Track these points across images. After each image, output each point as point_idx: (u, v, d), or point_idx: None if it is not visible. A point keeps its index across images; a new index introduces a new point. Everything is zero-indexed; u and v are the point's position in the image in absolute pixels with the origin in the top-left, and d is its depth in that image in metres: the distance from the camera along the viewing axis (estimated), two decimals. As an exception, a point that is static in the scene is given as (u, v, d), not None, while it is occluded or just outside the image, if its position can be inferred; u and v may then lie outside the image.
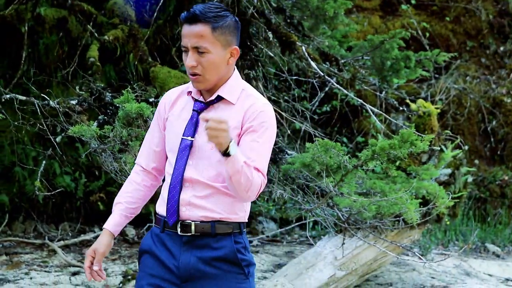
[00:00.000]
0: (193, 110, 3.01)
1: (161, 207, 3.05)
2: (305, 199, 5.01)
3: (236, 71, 3.08)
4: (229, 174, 2.83)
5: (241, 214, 3.04)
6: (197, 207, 2.96)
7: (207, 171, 2.96)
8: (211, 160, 2.96)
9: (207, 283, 2.98)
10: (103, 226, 3.09)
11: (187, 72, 3.00)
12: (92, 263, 3.04)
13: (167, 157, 3.10)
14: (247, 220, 3.10)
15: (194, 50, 2.91)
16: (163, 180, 3.12)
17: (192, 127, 2.98)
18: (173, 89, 3.18)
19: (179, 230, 2.97)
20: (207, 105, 3.00)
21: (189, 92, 3.06)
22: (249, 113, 2.96)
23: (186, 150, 2.95)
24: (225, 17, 2.94)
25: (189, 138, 2.97)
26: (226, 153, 2.78)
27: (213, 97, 2.99)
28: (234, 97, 3.00)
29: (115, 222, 3.09)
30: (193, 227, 2.96)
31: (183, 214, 2.97)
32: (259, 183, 2.90)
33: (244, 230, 3.07)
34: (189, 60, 2.93)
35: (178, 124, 3.03)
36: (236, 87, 3.02)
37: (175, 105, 3.09)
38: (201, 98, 3.02)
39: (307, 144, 4.53)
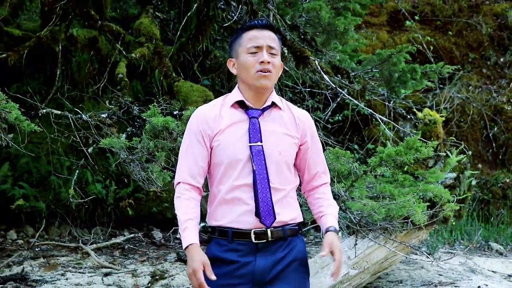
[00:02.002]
0: (252, 117, 2.93)
1: (226, 218, 2.92)
2: (319, 203, 5.00)
3: None
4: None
5: (299, 213, 3.01)
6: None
7: (277, 176, 2.90)
8: (279, 165, 2.92)
9: (281, 285, 2.90)
10: (190, 243, 2.85)
11: (251, 71, 2.93)
12: (203, 277, 2.81)
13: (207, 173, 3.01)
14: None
15: (269, 49, 2.94)
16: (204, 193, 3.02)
17: (258, 133, 2.91)
18: (204, 107, 3.05)
19: (253, 238, 2.88)
20: (262, 111, 2.96)
21: (234, 104, 2.97)
22: (303, 122, 3.02)
23: (260, 154, 2.85)
24: None
25: (259, 143, 2.89)
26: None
27: (268, 103, 2.97)
28: (281, 104, 3.02)
29: (195, 234, 2.89)
30: (269, 234, 2.89)
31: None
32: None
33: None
34: (265, 56, 2.91)
35: (235, 133, 2.92)
36: (278, 96, 3.05)
37: (221, 118, 2.96)
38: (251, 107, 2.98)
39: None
